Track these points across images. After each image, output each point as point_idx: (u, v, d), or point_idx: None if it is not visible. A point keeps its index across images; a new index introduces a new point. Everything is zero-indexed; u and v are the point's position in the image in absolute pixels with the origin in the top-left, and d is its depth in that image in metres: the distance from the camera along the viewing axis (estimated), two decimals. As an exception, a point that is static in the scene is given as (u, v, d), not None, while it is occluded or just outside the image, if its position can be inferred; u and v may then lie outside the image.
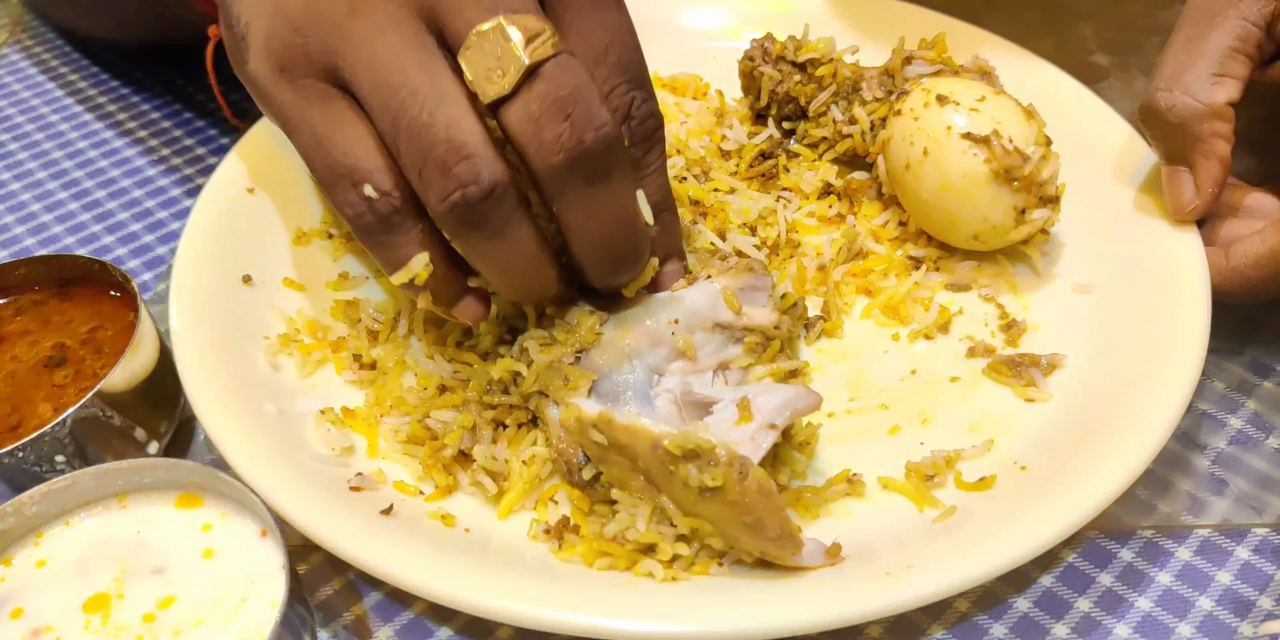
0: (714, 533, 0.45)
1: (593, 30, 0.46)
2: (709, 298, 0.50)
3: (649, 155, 0.49)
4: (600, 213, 0.45)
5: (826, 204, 0.65)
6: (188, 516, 0.46)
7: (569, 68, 0.43)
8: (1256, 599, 0.48)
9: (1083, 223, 0.62)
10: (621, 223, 0.46)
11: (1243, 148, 0.58)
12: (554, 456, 0.49)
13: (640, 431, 0.45)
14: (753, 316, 0.51)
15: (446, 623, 0.48)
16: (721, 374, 0.50)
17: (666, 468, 0.44)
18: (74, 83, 0.84)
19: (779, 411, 0.45)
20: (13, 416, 0.52)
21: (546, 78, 0.42)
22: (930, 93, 0.59)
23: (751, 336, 0.51)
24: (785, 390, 0.47)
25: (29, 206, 0.73)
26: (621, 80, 0.46)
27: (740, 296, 0.51)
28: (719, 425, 0.45)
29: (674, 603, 0.44)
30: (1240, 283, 0.56)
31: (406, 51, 0.43)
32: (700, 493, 0.43)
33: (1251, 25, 0.56)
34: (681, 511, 0.45)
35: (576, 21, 0.45)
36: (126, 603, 0.44)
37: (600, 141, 0.43)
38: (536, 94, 0.42)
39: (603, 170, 0.44)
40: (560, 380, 0.48)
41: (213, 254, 0.59)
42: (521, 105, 0.42)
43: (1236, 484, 0.53)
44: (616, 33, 0.46)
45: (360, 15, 0.44)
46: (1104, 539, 0.51)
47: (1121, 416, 0.50)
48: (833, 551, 0.46)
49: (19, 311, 0.57)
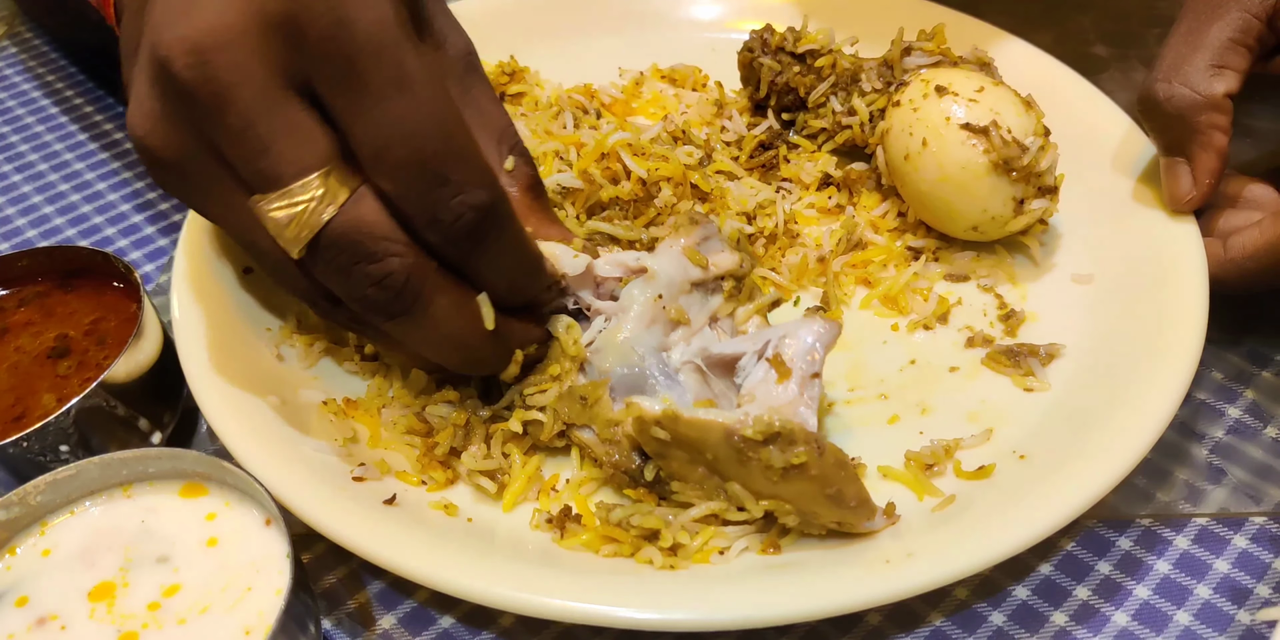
0: (791, 510, 0.46)
1: (365, 131, 0.40)
2: (676, 261, 0.51)
3: (476, 250, 0.44)
4: (425, 339, 0.45)
5: (826, 195, 0.66)
6: (192, 506, 0.47)
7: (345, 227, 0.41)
8: (1254, 587, 0.48)
9: (1081, 213, 0.62)
10: (453, 344, 0.46)
11: (1241, 140, 0.58)
12: (609, 473, 0.49)
13: (709, 424, 0.45)
14: (719, 264, 0.51)
15: (449, 611, 0.49)
16: (714, 326, 0.51)
17: (743, 454, 0.44)
18: (74, 74, 0.84)
19: (808, 355, 0.46)
20: (17, 407, 0.52)
21: (324, 248, 0.42)
22: (929, 83, 0.59)
23: (726, 282, 0.51)
24: (803, 330, 0.47)
25: (31, 198, 0.73)
26: (411, 187, 0.41)
27: (700, 249, 0.51)
28: (764, 390, 0.46)
29: (675, 591, 0.44)
30: (1238, 274, 0.56)
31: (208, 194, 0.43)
32: (783, 473, 0.44)
33: (1252, 17, 0.56)
34: (756, 495, 0.46)
35: (351, 124, 0.40)
36: (131, 591, 0.44)
37: (385, 292, 0.42)
38: (317, 263, 0.42)
39: (403, 310, 0.43)
40: (577, 404, 0.49)
41: (214, 245, 0.59)
42: (311, 268, 0.43)
43: (1234, 473, 0.53)
44: (392, 127, 0.40)
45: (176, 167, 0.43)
46: (1103, 528, 0.51)
47: (1119, 405, 0.50)
48: (889, 511, 0.47)
49: (22, 302, 0.57)
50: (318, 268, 0.43)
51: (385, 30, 0.39)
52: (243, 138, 0.40)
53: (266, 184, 0.41)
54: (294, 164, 0.40)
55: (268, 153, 0.40)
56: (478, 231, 0.43)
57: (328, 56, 0.39)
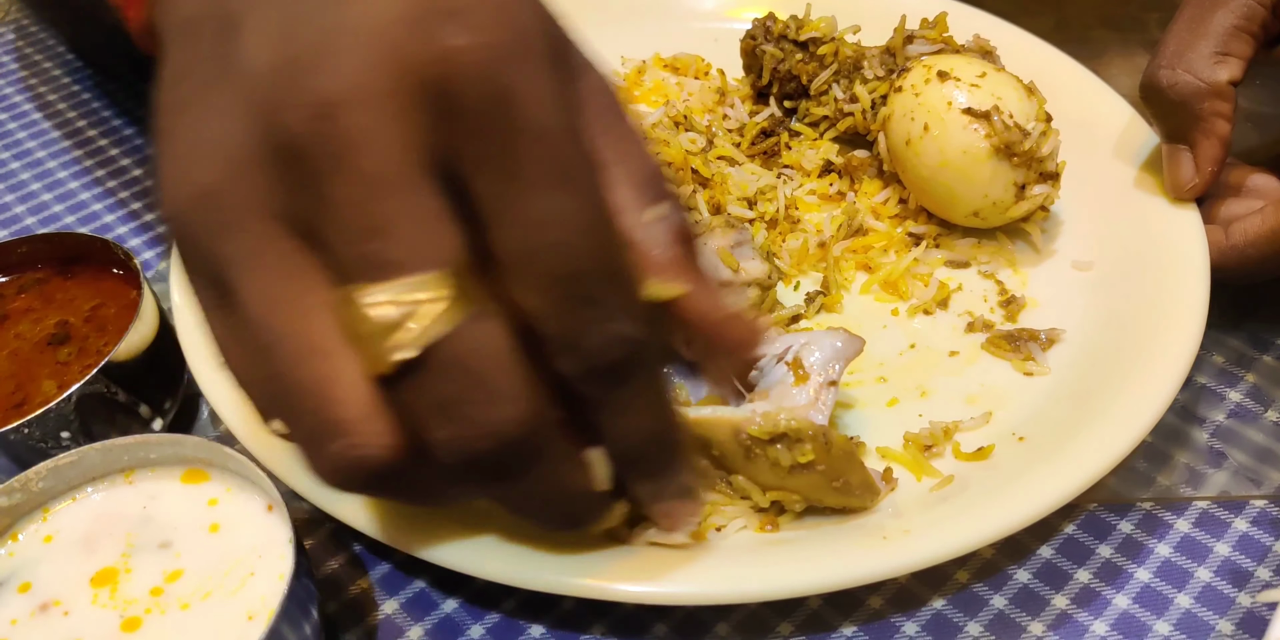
0: (799, 499, 0.46)
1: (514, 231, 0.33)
2: (708, 260, 0.51)
3: (613, 394, 0.36)
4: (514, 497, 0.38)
5: (827, 182, 0.66)
6: (194, 492, 0.47)
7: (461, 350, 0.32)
8: (1254, 570, 0.49)
9: (1082, 200, 0.62)
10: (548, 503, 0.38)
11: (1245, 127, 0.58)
12: None
13: (717, 422, 0.44)
14: (749, 270, 0.51)
15: (453, 594, 0.49)
16: None
17: (750, 451, 0.44)
18: (71, 61, 0.84)
19: (829, 364, 0.46)
20: (17, 394, 0.52)
21: (429, 370, 0.32)
22: (931, 69, 0.59)
23: (752, 290, 0.51)
24: (826, 341, 0.47)
25: (29, 185, 0.73)
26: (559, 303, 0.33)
27: (732, 253, 0.51)
28: (779, 391, 0.46)
29: (673, 566, 0.44)
30: (1239, 261, 0.56)
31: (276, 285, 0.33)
32: (790, 469, 0.44)
33: (1257, 4, 0.56)
34: (763, 487, 0.46)
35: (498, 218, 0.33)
36: (134, 577, 0.44)
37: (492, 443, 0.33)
38: (416, 388, 0.33)
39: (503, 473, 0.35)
40: None
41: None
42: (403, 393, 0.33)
43: (1235, 457, 0.53)
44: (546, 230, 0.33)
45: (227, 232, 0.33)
46: (1103, 511, 0.51)
47: (1120, 389, 0.50)
48: (886, 476, 0.48)
49: (22, 289, 0.57)
50: (408, 394, 0.33)
51: (552, 109, 0.33)
52: (357, 211, 0.31)
53: (373, 272, 0.32)
54: (416, 254, 0.32)
55: (385, 234, 0.31)
56: (621, 370, 0.35)
57: (483, 132, 0.32)
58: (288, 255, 0.33)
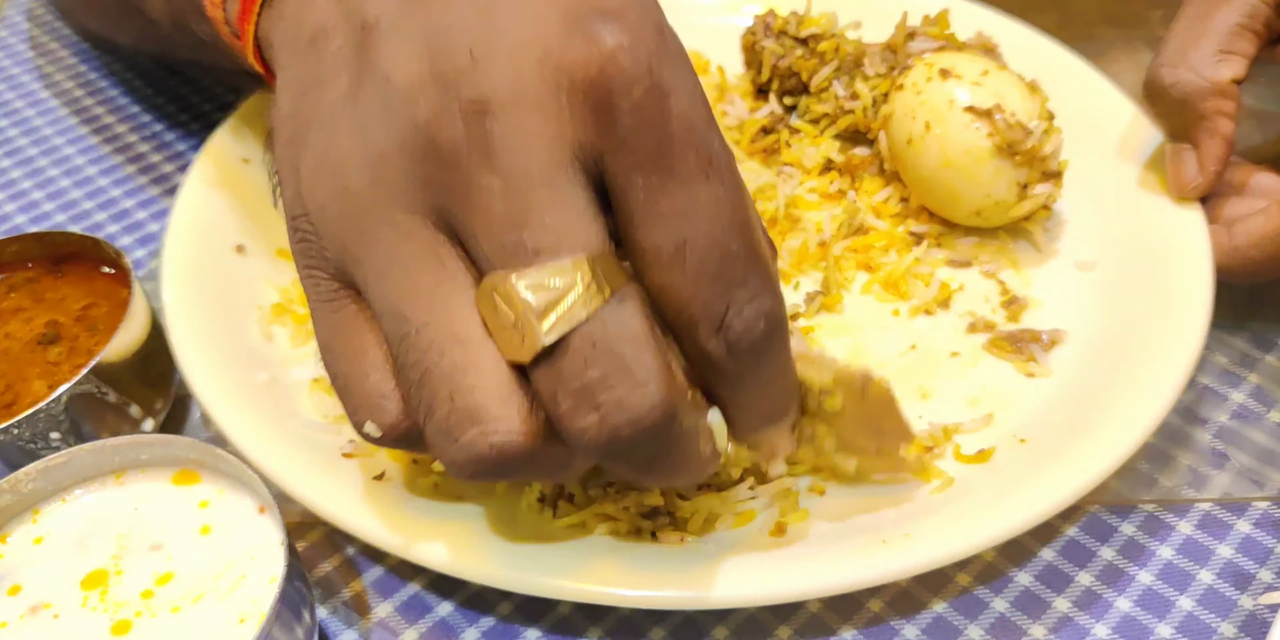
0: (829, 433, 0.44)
1: (665, 222, 0.34)
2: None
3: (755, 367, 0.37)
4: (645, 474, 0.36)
5: (828, 180, 0.65)
6: (185, 493, 0.46)
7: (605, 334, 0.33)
8: (1257, 572, 0.48)
9: (1085, 199, 0.61)
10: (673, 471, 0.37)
11: (1248, 126, 0.57)
12: None
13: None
14: None
15: (447, 598, 0.48)
16: None
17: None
18: (63, 58, 0.83)
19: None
20: (7, 394, 0.51)
21: (572, 354, 0.33)
22: (933, 67, 0.58)
23: None
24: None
25: (20, 184, 0.72)
26: (701, 291, 0.34)
27: None
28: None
29: (670, 569, 0.44)
30: (1243, 262, 0.55)
31: (417, 275, 0.34)
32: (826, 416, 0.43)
33: (1260, 2, 0.55)
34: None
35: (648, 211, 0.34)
36: (125, 579, 0.43)
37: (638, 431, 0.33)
38: (557, 373, 0.33)
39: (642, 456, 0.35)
40: None
41: (204, 224, 0.58)
42: (543, 380, 0.33)
43: (1238, 458, 0.53)
44: (698, 219, 0.34)
45: (367, 227, 0.35)
46: (1105, 513, 0.51)
47: (1122, 390, 0.50)
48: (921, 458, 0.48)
49: (12, 288, 0.56)
50: (545, 382, 0.33)
51: (700, 102, 0.34)
52: (505, 201, 0.33)
53: (518, 258, 0.33)
54: (560, 240, 0.33)
55: (531, 224, 0.33)
56: (764, 344, 0.36)
57: (637, 131, 0.33)
58: (429, 246, 0.34)
